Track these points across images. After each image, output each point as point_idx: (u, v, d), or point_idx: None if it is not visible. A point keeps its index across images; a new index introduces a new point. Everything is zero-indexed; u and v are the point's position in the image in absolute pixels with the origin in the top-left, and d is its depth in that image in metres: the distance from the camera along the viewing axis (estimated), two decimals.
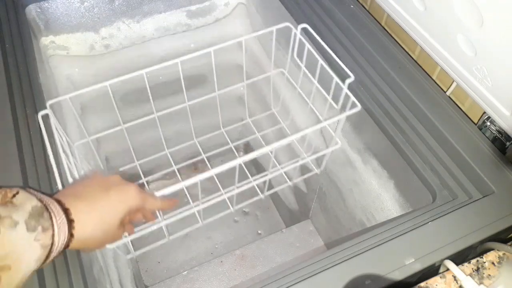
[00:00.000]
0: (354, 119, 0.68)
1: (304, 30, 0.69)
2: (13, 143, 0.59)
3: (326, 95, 0.68)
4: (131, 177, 1.20)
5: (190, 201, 0.79)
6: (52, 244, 0.38)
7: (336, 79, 0.64)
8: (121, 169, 0.87)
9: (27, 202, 0.38)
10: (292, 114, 0.88)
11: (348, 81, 0.61)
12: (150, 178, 1.25)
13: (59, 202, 0.41)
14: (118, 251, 0.69)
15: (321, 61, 0.66)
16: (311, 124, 0.73)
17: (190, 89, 1.08)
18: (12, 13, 0.77)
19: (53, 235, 0.38)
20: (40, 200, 0.39)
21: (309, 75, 0.71)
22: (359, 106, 0.60)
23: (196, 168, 1.29)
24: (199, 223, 0.73)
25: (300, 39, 0.69)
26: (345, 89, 0.62)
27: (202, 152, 0.87)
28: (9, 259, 0.34)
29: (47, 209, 0.39)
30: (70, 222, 0.40)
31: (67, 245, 0.40)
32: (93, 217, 0.43)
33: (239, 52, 1.06)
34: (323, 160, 0.83)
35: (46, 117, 0.58)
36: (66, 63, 0.86)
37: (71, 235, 0.40)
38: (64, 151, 0.55)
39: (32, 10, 0.82)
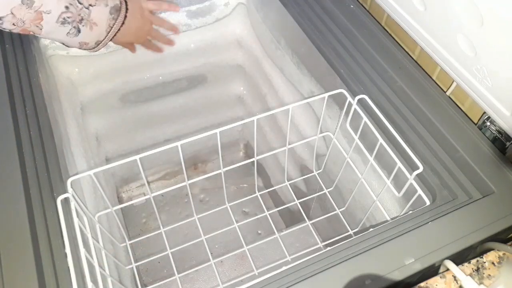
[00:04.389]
0: (352, 118, 0.68)
1: (360, 100, 0.64)
2: (13, 143, 0.59)
3: (386, 179, 0.65)
4: (131, 178, 1.21)
5: (191, 200, 0.79)
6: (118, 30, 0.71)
7: (403, 169, 0.59)
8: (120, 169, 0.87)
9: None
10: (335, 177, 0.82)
11: (416, 172, 0.56)
12: (150, 178, 1.26)
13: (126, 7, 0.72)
14: (119, 263, 0.69)
15: (382, 142, 0.61)
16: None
17: (190, 89, 1.09)
18: None
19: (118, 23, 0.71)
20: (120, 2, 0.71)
21: (365, 150, 0.67)
22: (427, 201, 0.57)
23: (196, 167, 1.29)
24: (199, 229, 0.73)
25: (355, 110, 0.64)
26: (411, 180, 0.58)
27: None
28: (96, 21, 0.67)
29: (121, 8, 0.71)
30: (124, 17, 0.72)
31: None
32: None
33: (239, 51, 1.06)
34: (323, 161, 0.83)
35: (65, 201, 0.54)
36: (66, 63, 0.86)
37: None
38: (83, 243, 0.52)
39: None
